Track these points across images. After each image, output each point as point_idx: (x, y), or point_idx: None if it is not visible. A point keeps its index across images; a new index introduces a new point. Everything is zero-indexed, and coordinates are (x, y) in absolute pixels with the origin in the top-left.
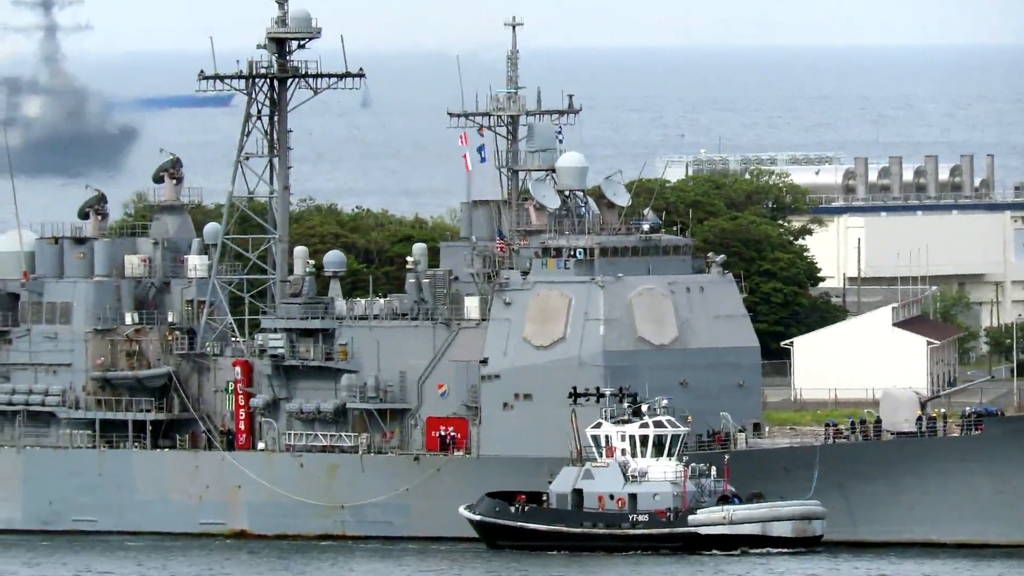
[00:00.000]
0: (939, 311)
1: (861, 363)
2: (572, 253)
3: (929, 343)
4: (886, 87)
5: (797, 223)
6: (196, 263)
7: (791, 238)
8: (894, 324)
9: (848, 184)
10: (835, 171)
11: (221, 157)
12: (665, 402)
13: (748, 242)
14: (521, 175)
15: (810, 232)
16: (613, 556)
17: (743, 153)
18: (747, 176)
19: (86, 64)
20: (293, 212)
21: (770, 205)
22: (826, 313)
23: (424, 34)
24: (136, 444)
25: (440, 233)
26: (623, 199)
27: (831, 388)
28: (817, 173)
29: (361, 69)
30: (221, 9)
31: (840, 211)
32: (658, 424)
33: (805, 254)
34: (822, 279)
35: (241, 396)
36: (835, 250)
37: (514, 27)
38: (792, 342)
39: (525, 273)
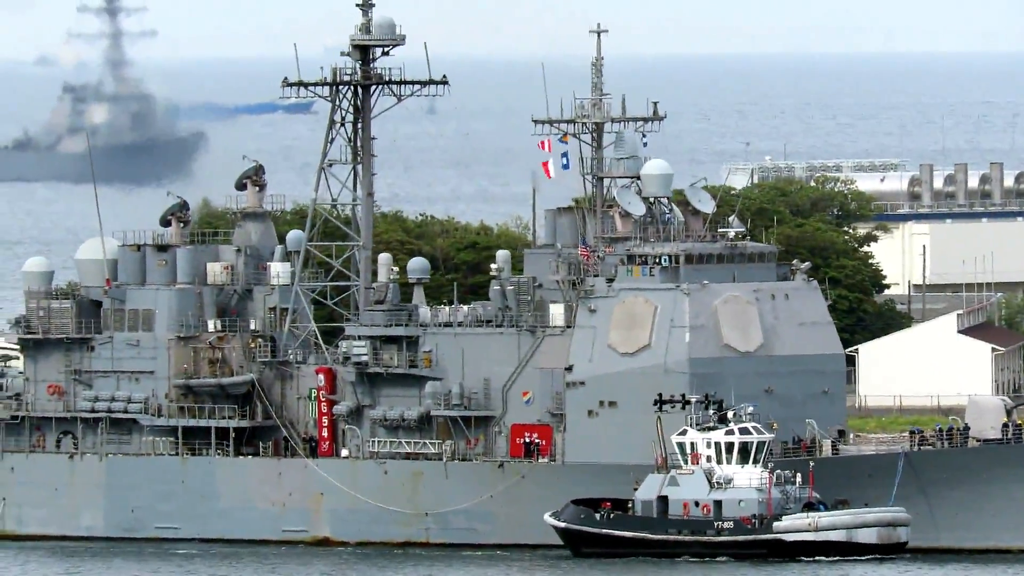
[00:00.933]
0: (1004, 318)
1: (926, 370)
2: (657, 260)
3: (994, 350)
4: (952, 94)
5: (862, 230)
6: (279, 270)
7: (856, 245)
8: (959, 331)
9: (913, 191)
10: (900, 178)
11: (295, 163)
12: (750, 409)
13: (813, 249)
14: (606, 182)
15: (875, 239)
16: (698, 563)
17: (808, 160)
18: (812, 183)
19: (151, 70)
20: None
21: (835, 212)
22: (891, 320)
23: (507, 41)
24: (219, 451)
25: (506, 240)
26: (708, 206)
27: (895, 395)
28: (882, 180)
29: (444, 76)
30: (288, 16)
31: (905, 218)
32: (743, 431)
33: (870, 261)
34: (887, 286)
35: (324, 403)
36: (900, 257)
37: (599, 34)
38: (857, 349)
39: (610, 280)
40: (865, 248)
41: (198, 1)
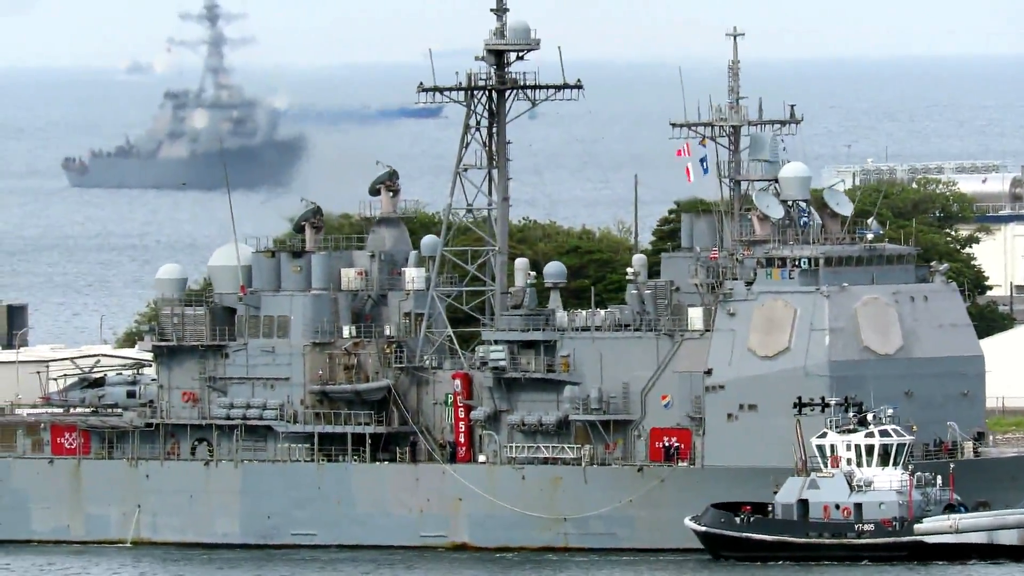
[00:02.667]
0: None
1: None
2: (796, 263)
3: None
4: None
5: (964, 231)
6: (413, 275)
7: (958, 247)
8: None
9: (1015, 192)
10: (1002, 179)
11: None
12: (891, 411)
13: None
14: (743, 185)
15: (977, 240)
16: (839, 566)
17: (910, 162)
18: (914, 185)
19: (251, 76)
20: (462, 223)
21: (937, 214)
22: (993, 322)
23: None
24: (355, 458)
25: (607, 244)
26: (846, 208)
27: (998, 396)
28: (984, 181)
29: (579, 80)
30: (385, 21)
31: (1007, 219)
32: (884, 433)
33: (972, 262)
34: (989, 287)
35: (461, 409)
36: (1002, 258)
37: (735, 37)
38: None
39: (749, 283)
40: (967, 249)
41: (298, 7)
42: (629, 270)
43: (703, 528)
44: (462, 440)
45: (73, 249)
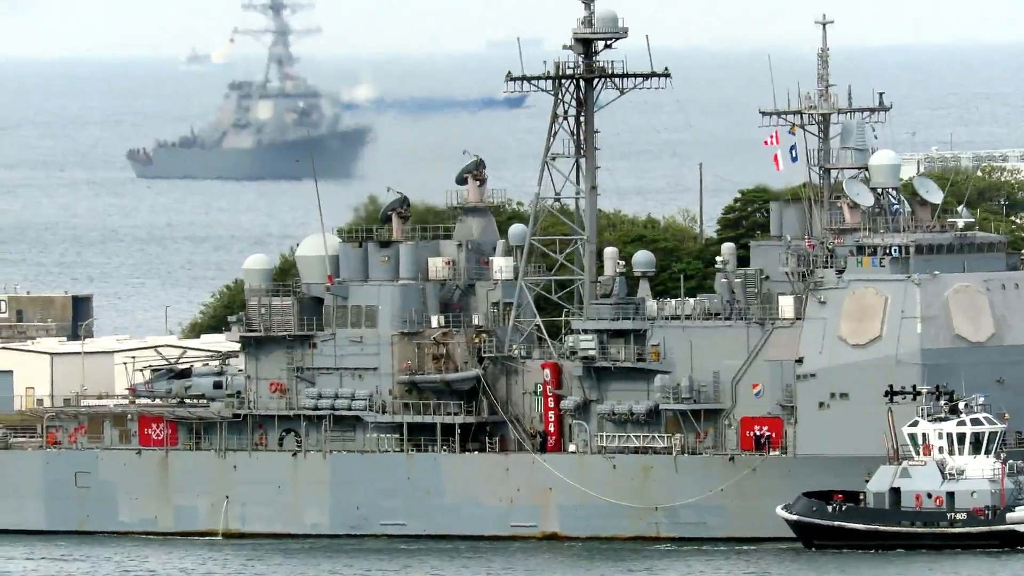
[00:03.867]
0: None
1: None
2: (888, 251)
3: None
4: None
5: None
6: (501, 265)
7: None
8: None
9: None
10: None
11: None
12: (982, 399)
13: None
14: (833, 173)
15: None
16: (930, 554)
17: (974, 150)
18: (979, 173)
19: (316, 67)
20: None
21: (1002, 202)
22: None
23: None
24: (444, 448)
25: (672, 233)
26: (936, 196)
27: None
28: None
29: (666, 68)
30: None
31: None
32: (975, 421)
33: None
34: None
35: (551, 398)
36: None
37: (824, 25)
38: None
39: (840, 272)
40: None
41: None
42: (718, 259)
43: (795, 517)
44: (552, 430)
45: (138, 240)
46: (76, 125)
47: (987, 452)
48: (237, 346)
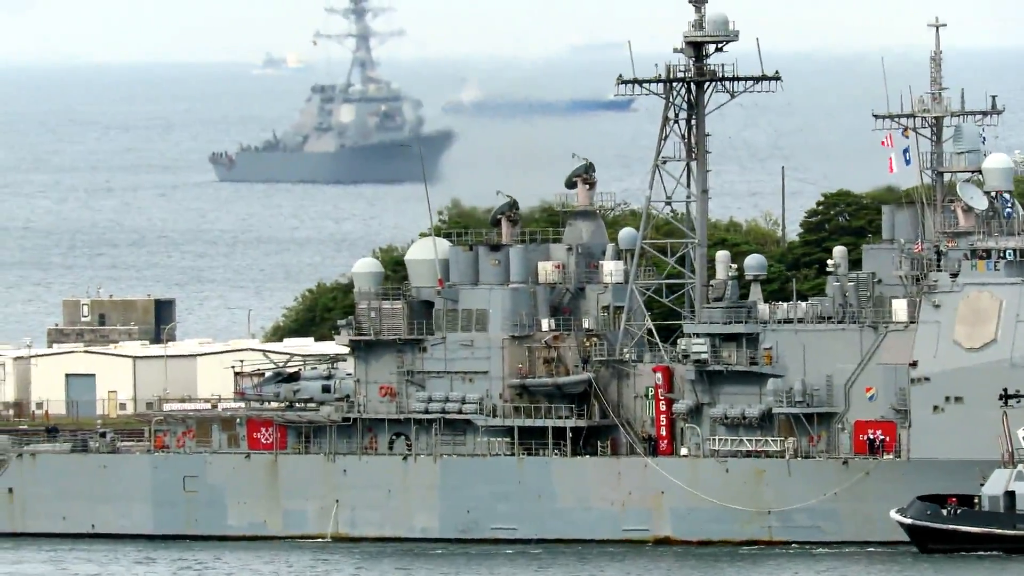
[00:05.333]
0: None
1: None
2: (1002, 254)
3: None
4: None
5: None
6: (611, 268)
7: None
8: None
9: None
10: None
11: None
12: None
13: None
14: (946, 176)
15: None
16: None
17: None
18: None
19: (399, 70)
20: (607, 216)
21: None
22: None
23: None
24: (555, 451)
25: (755, 237)
26: None
27: None
28: None
29: (777, 72)
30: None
31: None
32: None
33: None
34: None
35: (662, 402)
36: None
37: (937, 28)
38: None
39: (954, 275)
40: None
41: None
42: (830, 262)
43: (909, 521)
44: (663, 433)
45: (221, 243)
46: (158, 129)
47: None
48: (345, 349)
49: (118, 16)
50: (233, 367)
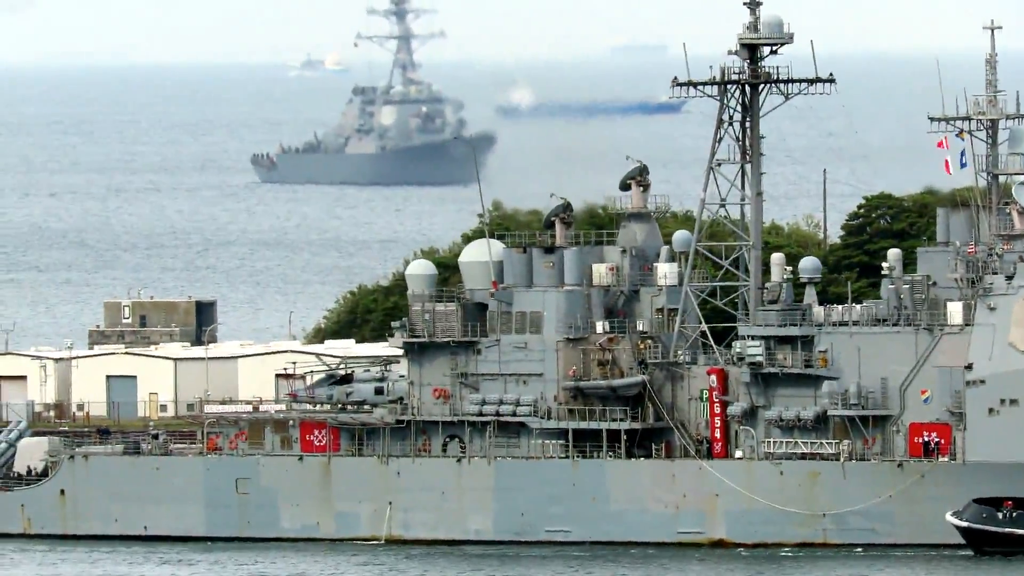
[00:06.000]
0: None
1: None
2: None
3: None
4: None
5: None
6: (666, 271)
7: None
8: None
9: None
10: None
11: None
12: None
13: None
14: (1001, 179)
15: None
16: None
17: None
18: None
19: (440, 72)
20: (663, 218)
21: None
22: None
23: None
24: (610, 454)
25: (796, 239)
26: None
27: None
28: None
29: (831, 74)
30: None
31: None
32: None
33: None
34: None
35: (717, 404)
36: None
37: (992, 30)
38: None
39: (1009, 277)
40: None
41: (488, 2)
42: (884, 264)
43: (965, 523)
44: (718, 436)
45: (262, 245)
46: (199, 130)
47: None
48: (398, 351)
49: (153, 17)
50: (285, 369)
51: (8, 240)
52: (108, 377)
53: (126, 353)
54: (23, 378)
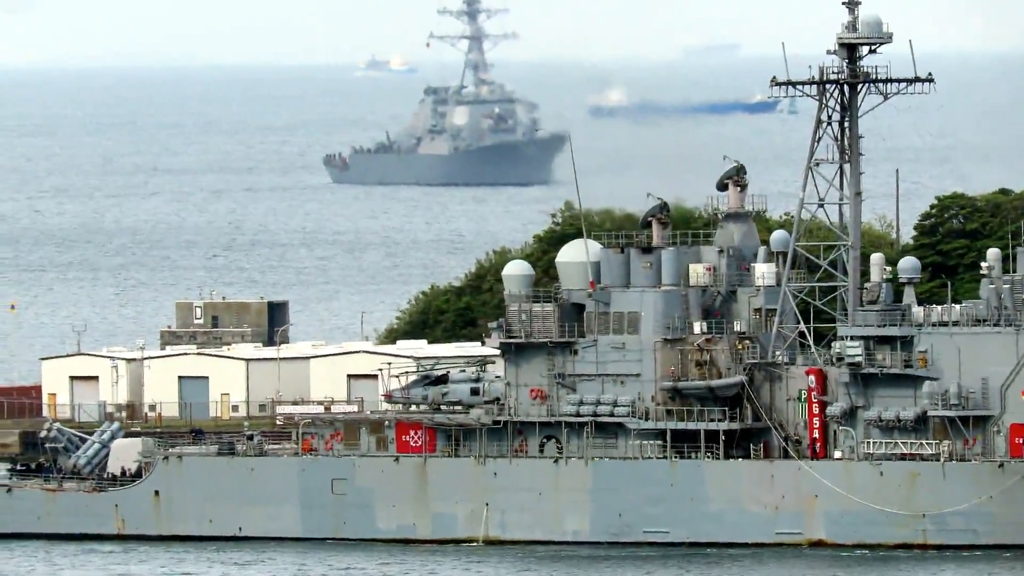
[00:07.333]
0: None
1: None
2: None
3: None
4: None
5: None
6: (763, 271)
7: None
8: None
9: None
10: None
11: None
12: None
13: None
14: None
15: None
16: None
17: None
18: None
19: (512, 72)
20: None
21: None
22: None
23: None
24: (708, 454)
25: (869, 239)
26: None
27: None
28: None
29: (930, 73)
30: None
31: None
32: None
33: None
34: None
35: (815, 405)
36: None
37: None
38: None
39: None
40: None
41: (561, 2)
42: (983, 264)
43: None
44: (816, 436)
45: (334, 245)
46: (269, 131)
47: None
48: (494, 352)
49: (219, 18)
50: (381, 370)
51: (81, 241)
52: (180, 378)
53: (198, 354)
54: (95, 379)
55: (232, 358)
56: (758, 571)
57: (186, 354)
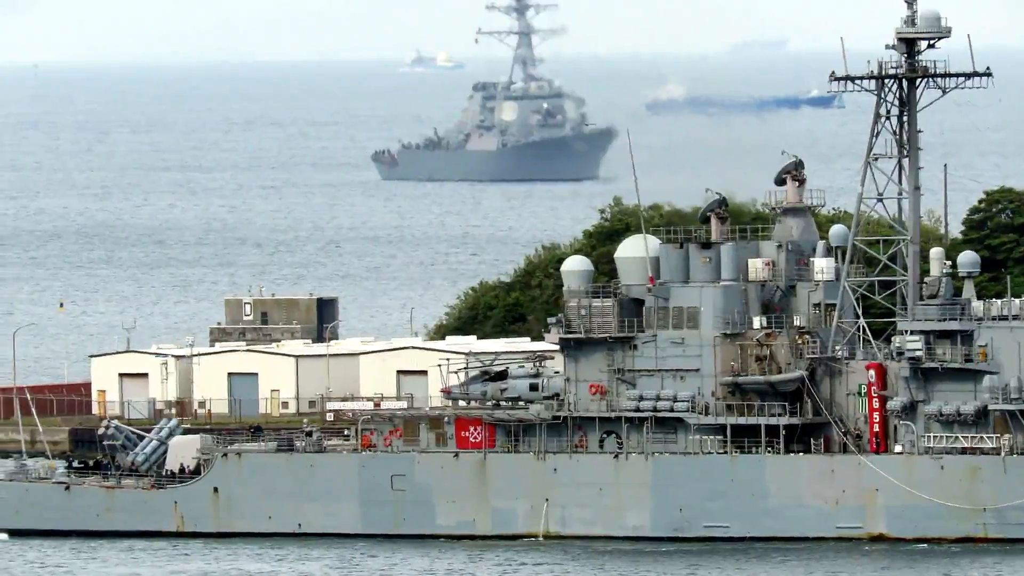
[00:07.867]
0: None
1: None
2: None
3: None
4: None
5: None
6: (822, 266)
7: None
8: None
9: None
10: None
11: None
12: None
13: None
14: None
15: None
16: None
17: None
18: None
19: (561, 68)
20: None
21: None
22: None
23: None
24: (768, 449)
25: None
26: None
27: None
28: None
29: (988, 68)
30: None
31: None
32: None
33: None
34: None
35: (875, 399)
36: None
37: None
38: None
39: None
40: None
41: None
42: None
43: None
44: (876, 430)
45: (383, 241)
46: (316, 126)
47: None
48: (553, 347)
49: (264, 15)
50: (439, 366)
51: (129, 238)
52: (230, 374)
53: (247, 350)
54: (144, 376)
55: (282, 355)
56: (819, 566)
57: (236, 351)
